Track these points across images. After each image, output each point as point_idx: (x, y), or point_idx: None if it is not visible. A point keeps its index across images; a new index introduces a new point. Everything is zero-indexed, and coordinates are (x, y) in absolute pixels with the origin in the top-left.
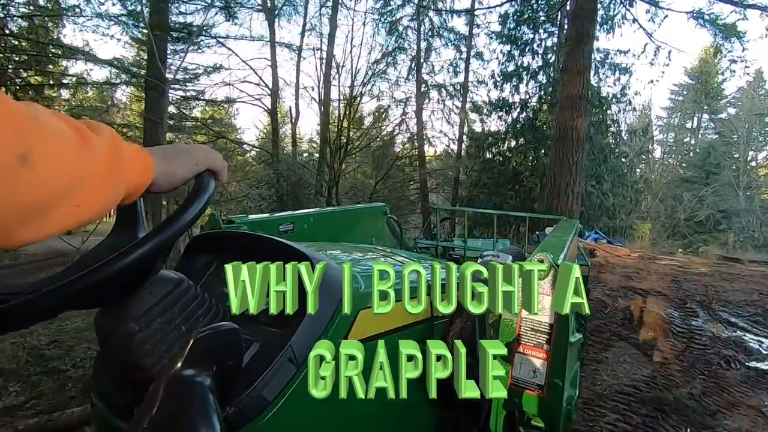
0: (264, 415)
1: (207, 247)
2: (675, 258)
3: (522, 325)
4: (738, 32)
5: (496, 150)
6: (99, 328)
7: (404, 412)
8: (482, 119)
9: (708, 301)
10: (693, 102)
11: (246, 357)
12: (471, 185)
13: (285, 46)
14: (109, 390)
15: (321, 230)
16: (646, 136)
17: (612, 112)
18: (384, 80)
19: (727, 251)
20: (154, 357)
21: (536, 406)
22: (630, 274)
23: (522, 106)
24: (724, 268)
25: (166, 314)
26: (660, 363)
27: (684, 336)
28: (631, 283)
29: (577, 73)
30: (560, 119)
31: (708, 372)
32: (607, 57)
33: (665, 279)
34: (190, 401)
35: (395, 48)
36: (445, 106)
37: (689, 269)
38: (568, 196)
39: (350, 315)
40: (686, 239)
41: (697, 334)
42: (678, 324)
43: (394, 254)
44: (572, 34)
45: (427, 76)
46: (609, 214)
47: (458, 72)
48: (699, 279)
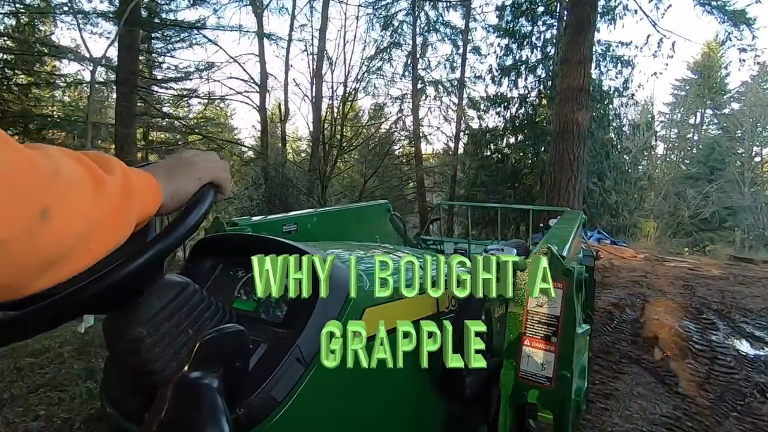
0: (273, 416)
1: (212, 250)
2: (684, 259)
3: (528, 318)
4: (748, 19)
5: (495, 147)
6: (107, 334)
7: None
8: (480, 116)
9: (726, 310)
10: (696, 96)
11: (254, 358)
12: (469, 184)
13: (273, 39)
14: (119, 395)
15: (324, 230)
16: (649, 131)
17: (614, 106)
18: (379, 76)
19: (736, 250)
20: (162, 361)
21: (545, 398)
22: (637, 278)
23: (521, 102)
24: (738, 270)
25: (173, 318)
26: (681, 396)
27: (705, 355)
28: (639, 289)
29: (578, 63)
30: (560, 113)
31: (741, 407)
32: (609, 49)
33: (676, 284)
34: (199, 403)
35: (390, 43)
36: (442, 103)
37: (700, 271)
38: (569, 194)
39: (357, 313)
40: (691, 237)
41: (720, 352)
42: (696, 340)
43: (398, 251)
44: (572, 21)
45: (423, 72)
46: (612, 213)
47: (455, 68)
48: (713, 283)
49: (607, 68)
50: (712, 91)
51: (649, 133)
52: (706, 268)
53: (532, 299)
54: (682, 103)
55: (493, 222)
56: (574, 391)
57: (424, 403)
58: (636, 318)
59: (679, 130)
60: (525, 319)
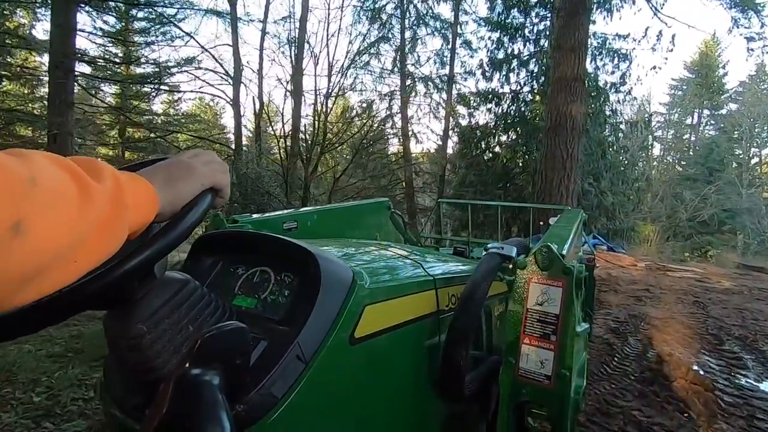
0: (273, 413)
1: (212, 247)
2: (689, 267)
3: (528, 317)
4: (756, 4)
5: (485, 145)
6: (107, 330)
7: (413, 407)
8: (470, 113)
9: (751, 338)
10: (693, 96)
11: (254, 355)
12: (457, 184)
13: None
14: (120, 392)
15: (325, 227)
16: (648, 129)
17: (611, 102)
18: (367, 72)
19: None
20: (163, 358)
21: (544, 397)
22: (639, 293)
23: (513, 98)
24: (750, 281)
25: (173, 315)
26: None
27: (738, 413)
28: (643, 308)
29: (572, 51)
30: (552, 105)
31: None
32: (605, 43)
33: (685, 300)
34: (199, 400)
35: (378, 38)
36: (431, 100)
37: (710, 283)
38: (562, 194)
39: (356, 311)
40: (689, 240)
41: (760, 408)
42: (723, 387)
43: (398, 249)
44: (566, 4)
45: (412, 68)
46: (608, 215)
47: (445, 63)
48: (726, 299)
49: (604, 62)
50: (709, 91)
51: (647, 132)
52: (715, 279)
53: (532, 297)
54: (679, 103)
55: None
56: (573, 389)
57: (424, 402)
58: (641, 352)
59: (675, 131)
60: (524, 318)
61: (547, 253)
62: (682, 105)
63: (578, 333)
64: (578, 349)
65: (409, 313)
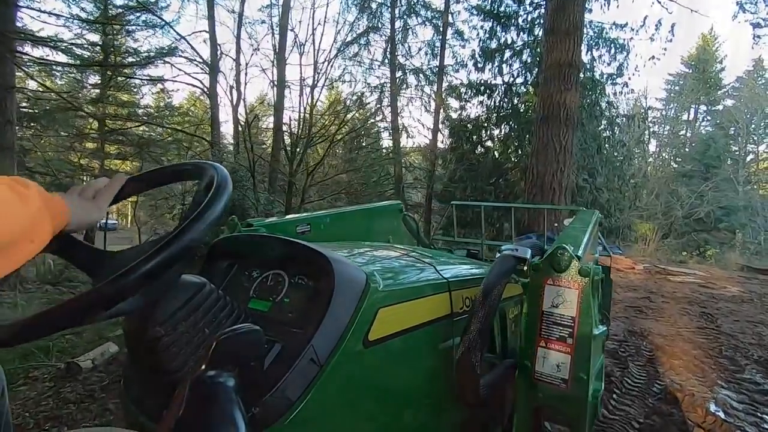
0: (288, 415)
1: (227, 251)
2: (691, 270)
3: (544, 319)
4: None
5: (476, 139)
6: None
7: (428, 412)
8: (462, 105)
9: None
10: (690, 91)
11: (268, 358)
12: (447, 180)
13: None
14: (139, 393)
15: (337, 230)
16: (644, 123)
17: (607, 94)
18: (356, 63)
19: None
20: (180, 360)
21: (561, 400)
22: (639, 302)
23: (506, 90)
24: (758, 287)
25: (190, 318)
26: None
27: None
28: (644, 322)
29: (566, 34)
30: (544, 93)
31: None
32: (602, 32)
33: (691, 311)
34: (215, 402)
35: (368, 27)
36: (423, 93)
37: (715, 289)
38: (554, 190)
39: (370, 313)
40: (684, 238)
41: None
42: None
43: (411, 252)
44: None
45: (402, 59)
46: (604, 213)
47: (437, 54)
48: (736, 308)
49: (600, 53)
50: (706, 86)
51: (643, 127)
52: (720, 284)
53: (547, 300)
54: (676, 98)
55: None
56: (591, 393)
57: (438, 405)
58: (646, 385)
59: (671, 127)
60: (540, 320)
61: (562, 254)
62: (679, 100)
63: (595, 336)
64: (596, 352)
65: (423, 315)
